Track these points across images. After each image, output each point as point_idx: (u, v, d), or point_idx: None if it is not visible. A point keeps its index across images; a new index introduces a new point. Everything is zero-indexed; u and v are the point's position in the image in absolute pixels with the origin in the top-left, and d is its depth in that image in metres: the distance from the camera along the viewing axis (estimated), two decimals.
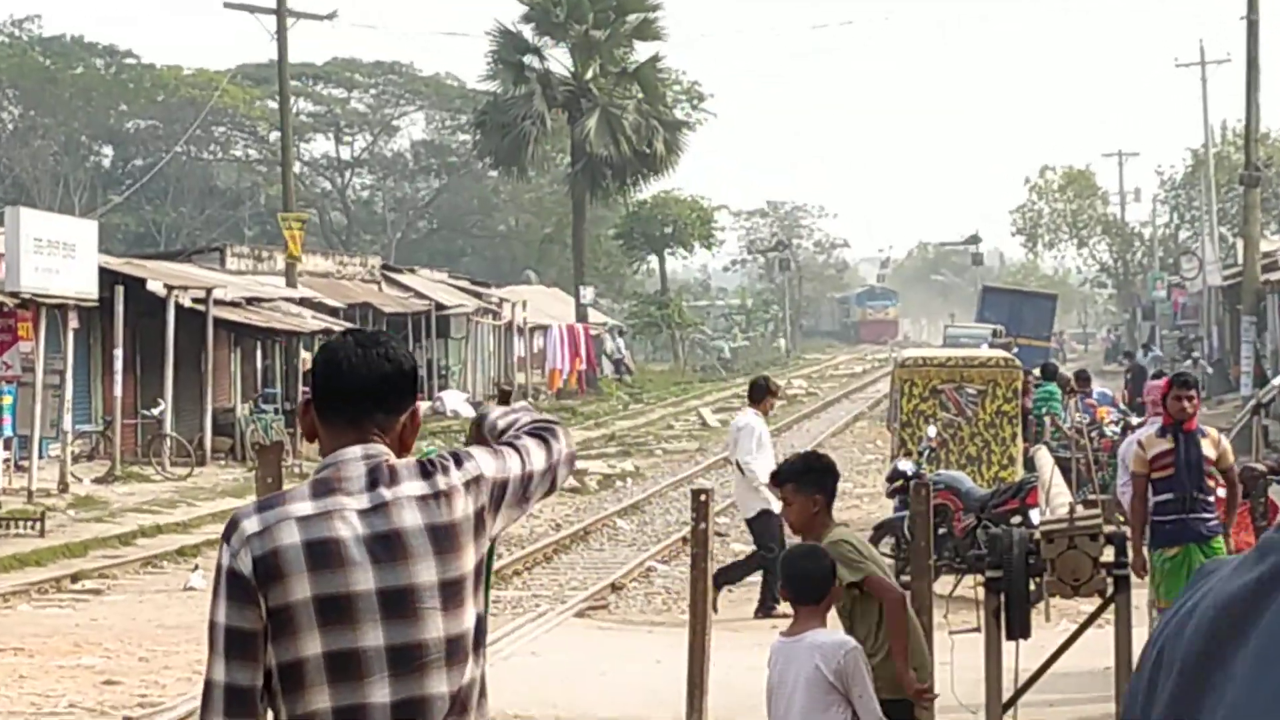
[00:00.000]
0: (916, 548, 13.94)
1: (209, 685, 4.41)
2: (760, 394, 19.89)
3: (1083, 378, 31.64)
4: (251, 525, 4.38)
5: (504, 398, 5.14)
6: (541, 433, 4.78)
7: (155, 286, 36.26)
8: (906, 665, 8.85)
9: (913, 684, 8.82)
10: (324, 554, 4.38)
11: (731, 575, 20.09)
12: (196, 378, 37.46)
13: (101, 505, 29.65)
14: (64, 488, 30.94)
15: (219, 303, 38.60)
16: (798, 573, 8.45)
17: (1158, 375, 32.06)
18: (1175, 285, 75.96)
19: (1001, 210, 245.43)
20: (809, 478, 9.12)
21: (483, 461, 4.55)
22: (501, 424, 4.85)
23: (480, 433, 4.89)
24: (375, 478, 4.44)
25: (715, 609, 15.65)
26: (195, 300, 37.87)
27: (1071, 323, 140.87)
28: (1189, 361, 53.20)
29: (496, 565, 22.31)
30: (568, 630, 19.19)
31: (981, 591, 12.86)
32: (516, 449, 4.67)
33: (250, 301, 41.82)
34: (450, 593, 4.44)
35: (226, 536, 4.41)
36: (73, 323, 32.91)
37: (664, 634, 18.34)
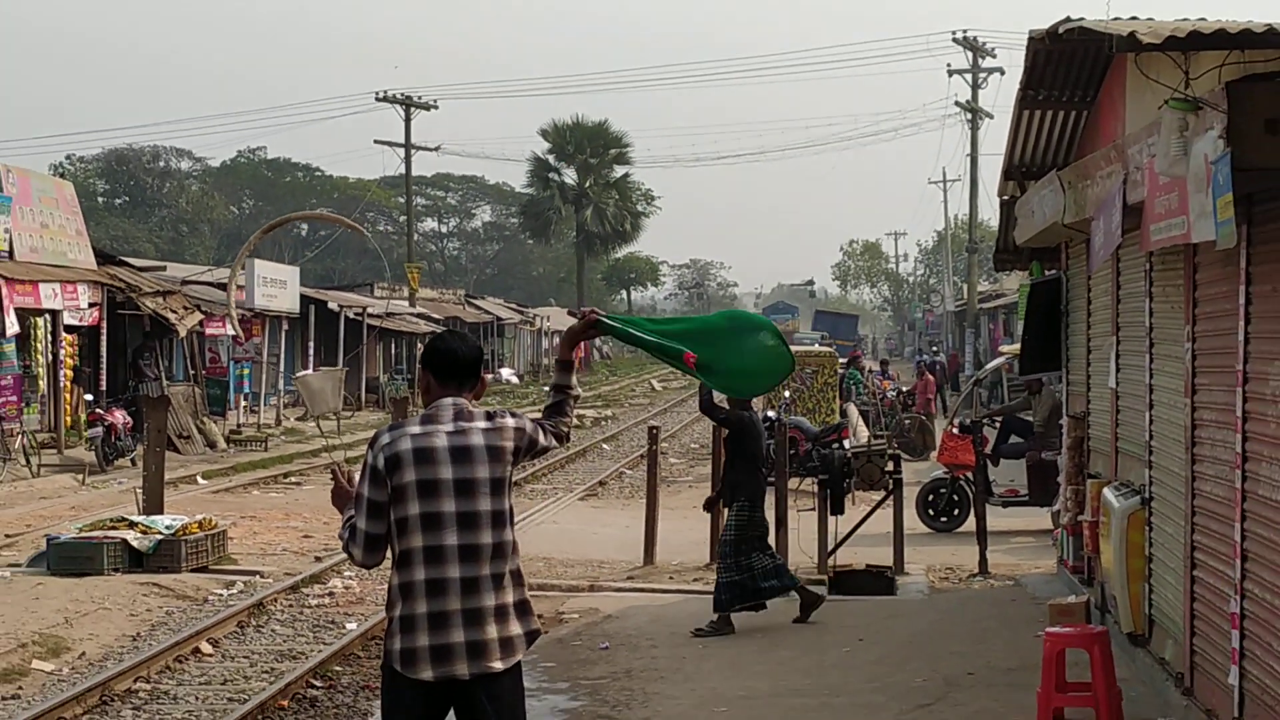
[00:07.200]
0: (779, 462, 14.03)
1: (354, 529, 4.48)
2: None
3: (885, 363, 31.87)
4: (385, 438, 4.47)
5: (567, 366, 4.88)
6: (558, 429, 4.74)
7: (332, 306, 36.07)
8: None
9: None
10: (424, 456, 4.42)
11: None
12: (357, 359, 37.29)
13: (300, 434, 29.54)
14: (278, 423, 30.84)
15: (370, 316, 38.42)
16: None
17: (932, 366, 32.07)
18: (926, 310, 76.34)
19: (827, 265, 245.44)
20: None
21: (523, 421, 4.59)
22: (559, 402, 4.77)
23: (554, 383, 4.83)
24: (459, 415, 4.49)
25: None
26: (355, 314, 37.63)
27: (866, 332, 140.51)
28: (933, 351, 53.24)
29: (533, 468, 22.36)
30: (574, 508, 19.20)
31: (816, 487, 12.96)
32: (541, 426, 4.69)
33: (388, 315, 41.65)
34: (495, 486, 4.46)
35: (371, 444, 4.49)
36: (284, 327, 32.81)
37: (632, 511, 18.36)
